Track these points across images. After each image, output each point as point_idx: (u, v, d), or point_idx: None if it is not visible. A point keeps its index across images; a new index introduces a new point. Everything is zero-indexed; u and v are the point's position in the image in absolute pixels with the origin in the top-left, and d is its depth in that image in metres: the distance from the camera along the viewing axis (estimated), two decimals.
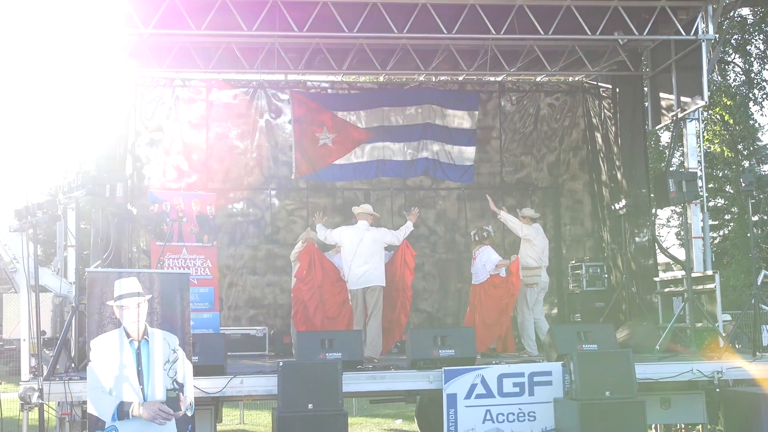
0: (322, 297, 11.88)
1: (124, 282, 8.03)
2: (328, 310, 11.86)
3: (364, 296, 11.35)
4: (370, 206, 12.08)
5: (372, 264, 11.36)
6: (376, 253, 11.46)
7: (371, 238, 11.48)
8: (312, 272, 11.92)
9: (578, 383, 8.89)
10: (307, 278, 11.92)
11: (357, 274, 11.34)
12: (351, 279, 11.42)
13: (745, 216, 11.84)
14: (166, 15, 11.86)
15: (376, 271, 11.37)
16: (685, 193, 11.96)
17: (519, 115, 16.43)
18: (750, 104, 21.55)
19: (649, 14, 12.74)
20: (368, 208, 11.92)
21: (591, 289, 14.50)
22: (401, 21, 12.39)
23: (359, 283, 11.33)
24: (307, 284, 11.91)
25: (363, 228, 11.60)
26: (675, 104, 13.25)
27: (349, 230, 11.80)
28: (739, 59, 22.35)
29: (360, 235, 11.50)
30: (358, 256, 11.37)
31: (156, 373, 7.95)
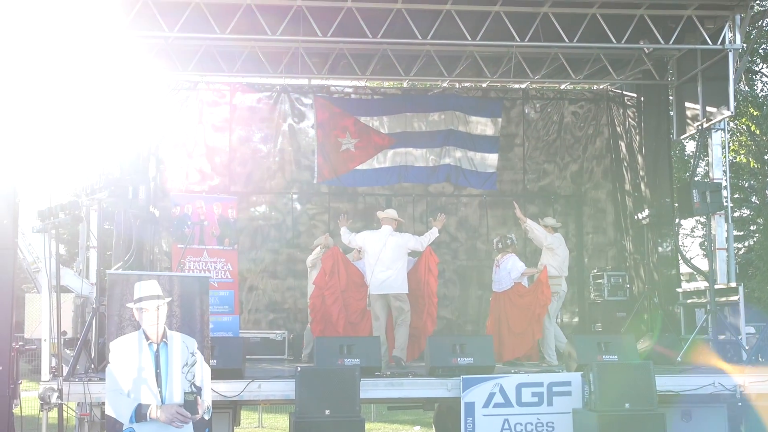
0: (345, 302, 11.85)
1: (144, 284, 8.06)
2: (351, 315, 11.83)
3: (387, 302, 11.25)
4: (394, 211, 11.98)
5: (394, 270, 11.24)
6: (399, 258, 11.34)
7: (395, 244, 11.37)
8: (335, 276, 11.86)
9: (597, 394, 8.82)
10: (330, 282, 11.86)
11: (379, 279, 11.24)
12: (372, 284, 11.32)
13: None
14: (191, 19, 11.91)
15: (399, 278, 11.25)
16: (709, 204, 11.85)
17: (543, 122, 16.36)
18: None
19: (676, 23, 12.64)
20: (392, 213, 11.82)
21: (612, 298, 14.39)
22: (425, 27, 12.39)
23: (380, 289, 11.24)
24: (330, 288, 11.85)
25: (387, 233, 11.50)
26: (700, 114, 13.14)
27: (372, 235, 11.69)
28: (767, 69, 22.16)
29: (383, 240, 11.39)
30: (380, 261, 11.25)
31: (174, 376, 7.97)
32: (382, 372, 9.79)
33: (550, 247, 12.39)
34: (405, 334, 11.09)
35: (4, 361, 8.41)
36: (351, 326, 11.76)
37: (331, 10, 12.07)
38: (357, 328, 11.69)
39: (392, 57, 14.19)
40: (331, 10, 12.06)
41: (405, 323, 11.13)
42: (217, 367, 9.01)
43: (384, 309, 11.28)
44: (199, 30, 12.34)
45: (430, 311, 11.64)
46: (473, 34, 12.48)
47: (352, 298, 11.85)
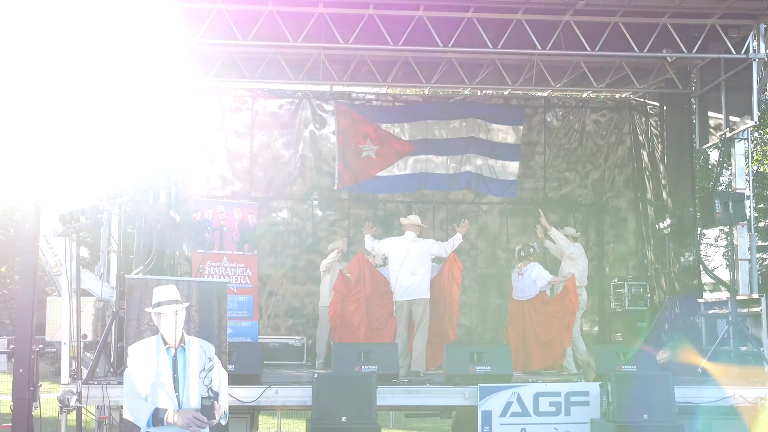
0: (368, 308, 11.85)
1: (162, 289, 8.11)
2: (373, 321, 11.83)
3: (410, 308, 11.24)
4: (417, 217, 11.98)
5: (419, 276, 11.26)
6: (422, 264, 11.35)
7: (418, 250, 11.38)
8: (361, 283, 11.88)
9: (615, 405, 8.76)
10: (355, 288, 11.90)
11: (403, 285, 11.26)
12: (397, 290, 11.35)
13: None
14: (213, 25, 11.98)
15: (423, 284, 11.28)
16: (731, 214, 11.77)
17: (564, 130, 16.30)
18: None
19: (699, 32, 12.55)
20: (415, 220, 11.82)
21: (633, 308, 14.34)
22: (446, 34, 12.38)
23: (405, 295, 11.25)
24: (355, 295, 11.88)
25: (410, 239, 11.50)
26: (723, 123, 13.06)
27: (396, 241, 11.73)
28: None
29: (407, 247, 11.41)
30: (404, 267, 11.28)
31: (191, 380, 8.01)
32: (399, 379, 9.78)
33: (571, 257, 12.43)
34: (423, 343, 11.11)
35: (25, 364, 8.48)
36: (373, 332, 11.76)
37: (352, 17, 12.10)
38: (379, 334, 11.67)
39: (413, 64, 14.21)
40: (353, 17, 12.08)
41: (424, 332, 11.14)
42: (235, 372, 9.06)
43: (408, 316, 11.29)
44: (221, 36, 12.43)
45: (451, 319, 11.65)
46: (495, 41, 12.45)
47: (376, 305, 11.85)
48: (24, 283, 8.76)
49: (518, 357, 11.79)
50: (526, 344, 11.81)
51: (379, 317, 11.79)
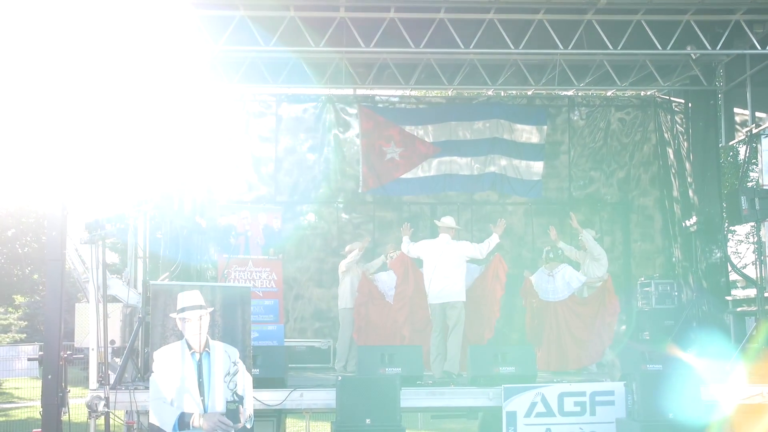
0: (411, 309, 11.88)
1: (186, 295, 8.20)
2: (416, 322, 11.87)
3: (444, 311, 11.19)
4: (452, 219, 11.88)
5: (452, 279, 11.13)
6: (457, 267, 11.22)
7: (452, 252, 11.26)
8: (406, 283, 11.93)
9: (641, 404, 8.73)
10: (400, 288, 11.97)
11: (437, 288, 11.17)
12: (431, 293, 11.26)
13: None
14: (235, 32, 12.09)
15: (456, 286, 11.15)
16: (758, 211, 11.65)
17: (588, 129, 16.26)
18: None
19: (723, 28, 12.43)
20: (450, 222, 11.71)
21: (660, 306, 14.24)
22: (468, 36, 12.37)
23: (438, 298, 11.16)
24: (399, 294, 11.95)
25: (444, 242, 11.41)
26: (750, 119, 12.99)
27: (430, 244, 11.63)
28: None
29: (440, 249, 11.30)
30: (438, 270, 11.17)
31: (216, 385, 8.09)
32: (424, 381, 9.80)
33: (598, 258, 12.43)
34: (458, 345, 11.00)
35: (53, 370, 8.61)
36: (416, 333, 11.80)
37: (373, 21, 12.14)
38: (422, 335, 11.66)
39: (436, 66, 14.24)
40: (374, 20, 12.13)
41: (458, 334, 11.03)
42: (260, 376, 9.13)
43: (442, 318, 11.21)
44: (244, 43, 12.54)
45: (490, 319, 11.66)
46: (516, 42, 12.43)
47: (418, 306, 11.85)
48: (51, 290, 8.89)
49: (551, 357, 11.81)
50: (562, 344, 11.84)
51: (421, 318, 11.78)
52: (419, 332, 11.77)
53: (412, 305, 11.89)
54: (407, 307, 11.91)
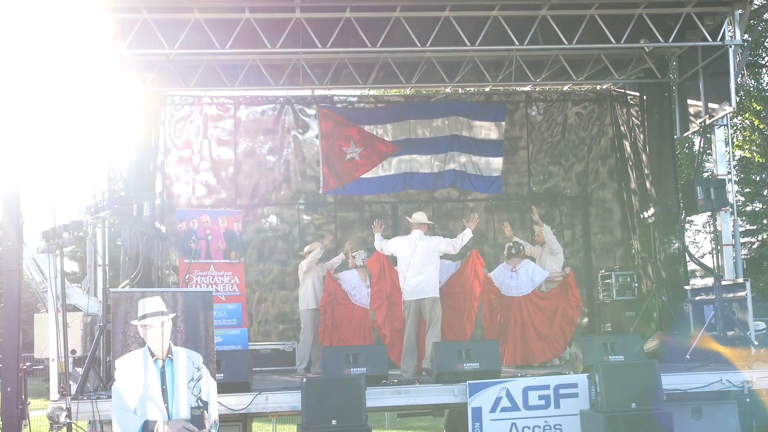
0: (390, 307, 11.85)
1: (147, 301, 8.12)
2: (395, 321, 11.81)
3: (419, 308, 11.18)
4: (423, 215, 11.83)
5: (426, 274, 11.13)
6: (430, 263, 11.21)
7: (425, 248, 11.25)
8: (382, 281, 11.88)
9: (604, 395, 8.79)
10: (376, 287, 11.92)
11: (411, 284, 11.15)
12: (405, 290, 11.25)
13: None
14: (191, 35, 12.01)
15: (431, 282, 11.15)
16: (713, 201, 11.86)
17: (546, 124, 16.40)
18: None
19: (675, 21, 12.61)
20: (422, 218, 11.67)
21: (621, 298, 14.42)
22: (424, 34, 12.42)
23: (413, 294, 11.16)
24: (377, 293, 11.91)
25: (416, 238, 11.37)
26: (703, 111, 13.11)
27: (403, 240, 11.62)
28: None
29: (413, 245, 11.29)
30: (412, 266, 11.17)
31: (180, 391, 8.03)
32: (390, 380, 9.81)
33: (556, 252, 12.58)
34: (435, 339, 10.99)
35: (12, 382, 8.48)
36: (397, 333, 11.74)
37: (329, 21, 12.12)
38: (401, 334, 11.58)
39: (393, 65, 14.24)
40: (330, 21, 12.11)
41: (436, 330, 11.08)
42: (225, 380, 9.08)
43: (417, 315, 11.22)
44: (199, 45, 12.47)
45: (470, 315, 11.64)
46: (472, 39, 12.50)
47: (396, 304, 11.80)
48: (9, 301, 8.75)
49: (518, 351, 11.89)
50: (526, 339, 11.91)
51: (400, 316, 11.72)
52: (399, 331, 11.70)
53: (391, 303, 11.85)
54: (386, 305, 11.85)
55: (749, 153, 23.08)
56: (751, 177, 29.84)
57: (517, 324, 12.02)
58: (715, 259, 12.19)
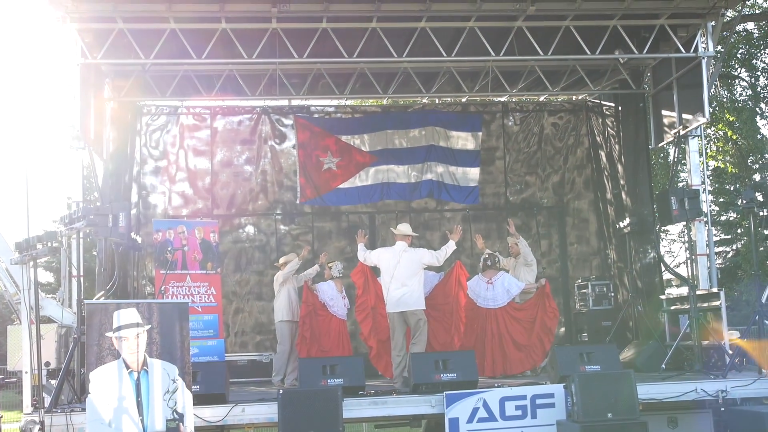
0: (375, 319, 11.80)
1: (122, 313, 8.07)
2: (381, 332, 11.75)
3: (403, 320, 11.12)
4: (408, 226, 11.77)
5: (410, 287, 11.03)
6: (414, 275, 11.12)
7: (409, 260, 11.14)
8: (367, 293, 11.82)
9: (580, 405, 8.83)
10: (361, 299, 11.87)
11: (394, 297, 11.05)
12: (389, 302, 11.14)
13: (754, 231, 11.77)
14: (167, 45, 11.98)
15: (415, 294, 11.06)
16: (687, 211, 11.93)
17: (523, 134, 16.46)
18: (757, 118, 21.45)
19: (649, 32, 12.72)
20: (406, 229, 11.60)
21: (597, 308, 14.46)
22: (401, 45, 12.45)
23: (396, 307, 11.05)
24: (362, 305, 11.85)
25: (400, 249, 11.27)
26: (677, 121, 13.21)
27: (387, 252, 11.50)
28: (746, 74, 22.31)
29: (397, 257, 11.16)
30: (395, 278, 11.06)
31: (155, 403, 7.97)
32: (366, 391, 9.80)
33: (530, 264, 12.65)
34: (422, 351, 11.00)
35: None
36: (383, 344, 11.71)
37: (306, 32, 12.14)
38: (388, 346, 11.53)
39: (370, 76, 14.27)
40: (307, 31, 12.12)
41: (422, 342, 11.02)
42: (201, 392, 9.05)
43: (402, 326, 11.17)
44: (175, 55, 12.45)
45: (457, 326, 11.59)
46: (449, 50, 12.56)
47: (380, 315, 11.73)
48: None
49: (497, 363, 11.91)
50: (504, 349, 11.93)
51: (385, 328, 11.63)
52: (385, 342, 11.66)
53: (376, 315, 11.78)
54: (371, 317, 11.78)
55: (723, 163, 23.31)
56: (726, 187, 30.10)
57: (494, 336, 12.04)
58: (690, 268, 12.26)
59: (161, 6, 11.33)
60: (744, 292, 23.98)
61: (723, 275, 29.44)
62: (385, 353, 11.51)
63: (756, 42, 21.69)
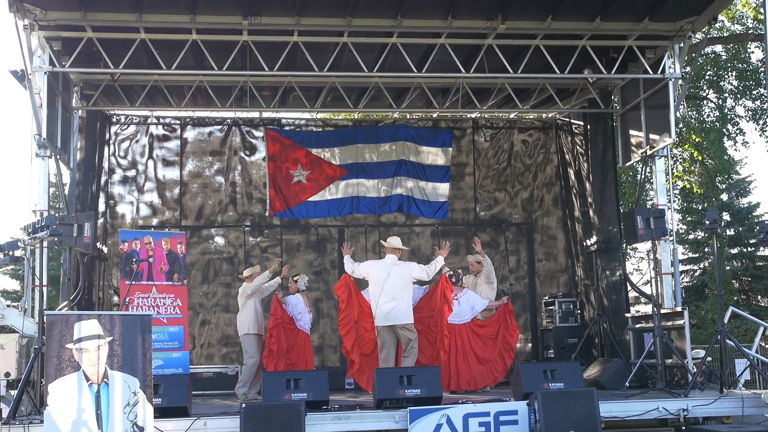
0: (358, 333, 11.76)
1: (84, 324, 7.96)
2: (363, 346, 11.74)
3: (392, 334, 11.12)
4: (398, 239, 11.82)
5: (399, 300, 11.09)
6: (404, 288, 11.18)
7: (399, 273, 11.21)
8: (350, 307, 11.77)
9: (543, 423, 8.84)
10: (344, 313, 11.82)
11: (384, 310, 11.08)
12: (378, 315, 11.17)
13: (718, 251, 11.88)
14: (136, 55, 11.93)
15: (404, 308, 11.11)
16: (653, 230, 12.03)
17: (493, 151, 16.55)
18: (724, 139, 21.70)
19: (618, 53, 12.87)
20: (396, 242, 11.65)
21: (564, 324, 14.56)
22: (372, 60, 12.52)
23: (386, 320, 11.09)
24: (345, 319, 11.79)
25: (391, 263, 11.33)
26: (644, 141, 13.32)
27: (377, 265, 11.53)
28: (714, 95, 22.58)
29: (387, 271, 11.22)
30: (385, 291, 11.10)
31: (115, 416, 7.87)
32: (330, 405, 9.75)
33: (492, 281, 12.75)
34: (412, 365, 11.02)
35: None
36: (365, 358, 11.69)
37: (277, 45, 12.14)
38: (370, 360, 11.57)
39: (341, 90, 14.29)
40: (278, 44, 12.13)
41: (413, 354, 11.05)
42: (163, 405, 8.96)
43: (392, 340, 11.17)
44: (145, 66, 12.42)
45: (442, 341, 11.63)
46: (420, 66, 12.63)
47: (363, 329, 11.74)
48: None
49: (462, 378, 11.93)
50: (469, 365, 11.97)
51: (368, 342, 11.66)
52: (368, 357, 11.67)
53: (359, 329, 11.76)
54: (354, 331, 11.74)
55: (689, 184, 23.55)
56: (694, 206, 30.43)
57: (459, 351, 12.08)
58: (654, 287, 12.35)
59: (131, 16, 11.28)
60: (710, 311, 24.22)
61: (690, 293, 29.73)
62: (368, 368, 11.43)
63: (723, 64, 21.96)
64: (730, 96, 22.14)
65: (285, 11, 11.53)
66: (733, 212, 31.31)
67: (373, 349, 11.71)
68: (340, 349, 12.28)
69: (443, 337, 11.64)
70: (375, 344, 11.69)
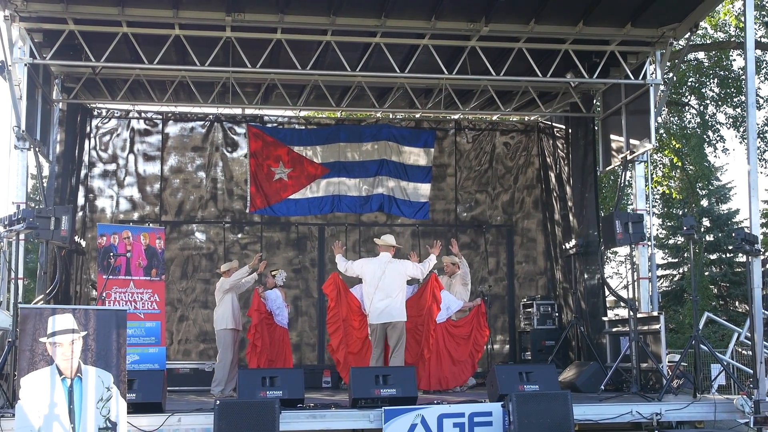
0: (345, 331, 11.75)
1: (58, 318, 7.92)
2: (350, 345, 11.73)
3: (385, 332, 11.12)
4: (392, 237, 11.84)
5: (394, 298, 11.10)
6: (398, 286, 11.20)
7: (394, 271, 11.23)
8: (338, 306, 11.77)
9: (517, 424, 8.87)
10: (333, 311, 11.81)
11: (378, 308, 11.08)
12: (372, 313, 11.16)
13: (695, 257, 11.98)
14: (118, 48, 11.89)
15: (398, 306, 11.12)
16: (631, 235, 12.10)
17: (475, 153, 16.58)
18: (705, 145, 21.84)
19: (600, 58, 12.92)
20: (390, 240, 11.66)
21: (541, 327, 14.63)
22: (355, 59, 12.51)
23: (380, 318, 11.09)
24: (333, 318, 11.79)
25: (385, 260, 11.33)
26: (625, 146, 13.41)
27: (371, 263, 11.53)
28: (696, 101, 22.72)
29: (382, 268, 11.23)
30: (379, 289, 11.11)
31: (88, 411, 7.84)
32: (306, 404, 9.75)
33: (467, 283, 12.79)
34: (400, 363, 11.03)
35: None
36: (353, 357, 11.69)
37: (260, 42, 12.12)
38: (358, 358, 11.57)
39: (324, 88, 14.30)
40: (261, 41, 12.11)
41: (400, 354, 11.06)
42: (137, 400, 8.93)
43: (383, 338, 11.18)
44: (127, 60, 12.38)
45: (427, 338, 11.69)
46: (403, 66, 12.65)
47: (351, 327, 11.73)
48: None
49: (432, 377, 11.95)
50: (442, 365, 12.00)
51: (355, 340, 11.65)
52: (356, 355, 11.67)
53: (347, 327, 11.76)
54: (342, 330, 11.75)
55: (668, 189, 23.69)
56: (673, 211, 30.63)
57: (433, 351, 12.12)
58: (631, 291, 12.43)
59: (113, 9, 11.23)
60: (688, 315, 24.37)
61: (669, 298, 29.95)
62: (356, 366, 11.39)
63: (705, 71, 22.11)
64: (711, 103, 22.29)
65: (268, 8, 11.52)
66: (712, 218, 31.56)
67: (360, 348, 11.73)
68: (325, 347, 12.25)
69: (429, 336, 11.70)
70: (362, 342, 11.72)
